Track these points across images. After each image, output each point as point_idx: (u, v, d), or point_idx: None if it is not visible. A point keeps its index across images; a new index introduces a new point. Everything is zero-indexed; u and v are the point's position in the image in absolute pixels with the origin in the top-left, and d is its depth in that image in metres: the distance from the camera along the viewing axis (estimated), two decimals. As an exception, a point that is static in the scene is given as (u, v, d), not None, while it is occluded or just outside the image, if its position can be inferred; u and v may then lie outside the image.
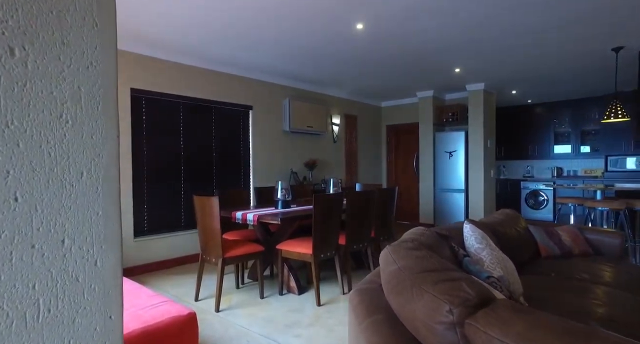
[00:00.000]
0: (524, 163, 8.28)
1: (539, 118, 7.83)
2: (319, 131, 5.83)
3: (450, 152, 6.26)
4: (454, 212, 6.22)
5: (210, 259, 2.91)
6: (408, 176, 7.20)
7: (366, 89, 6.31)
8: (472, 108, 6.01)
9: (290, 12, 3.17)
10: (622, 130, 6.83)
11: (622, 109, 4.15)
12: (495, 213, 2.92)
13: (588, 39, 3.87)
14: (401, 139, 7.32)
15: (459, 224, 2.26)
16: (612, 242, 2.67)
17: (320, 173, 6.12)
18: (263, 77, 5.18)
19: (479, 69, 5.03)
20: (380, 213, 3.67)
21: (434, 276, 1.07)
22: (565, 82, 5.89)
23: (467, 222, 1.94)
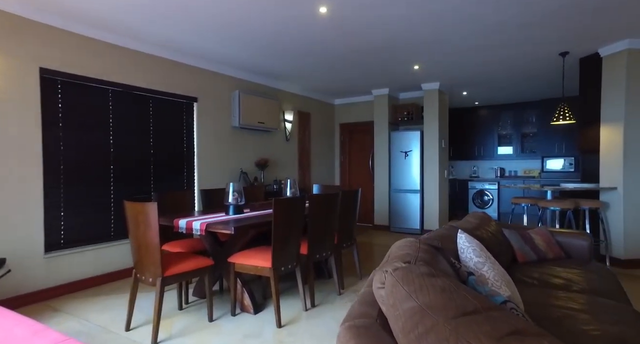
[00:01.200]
0: (470, 163, 8.54)
1: (484, 120, 8.11)
2: (271, 128, 5.40)
3: (406, 152, 6.18)
4: (409, 214, 6.14)
5: (147, 279, 2.37)
6: (362, 176, 7.03)
7: (321, 85, 6.00)
8: (427, 108, 5.97)
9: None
10: (556, 133, 7.27)
11: (569, 112, 4.27)
12: (468, 217, 2.75)
13: (538, 43, 3.91)
14: (355, 138, 7.13)
15: (446, 231, 2.01)
16: (580, 244, 2.62)
17: (272, 173, 5.69)
18: (210, 66, 4.63)
19: (436, 67, 4.94)
20: (344, 217, 3.36)
21: (484, 324, 0.74)
22: (515, 85, 6.07)
23: (461, 232, 1.68)
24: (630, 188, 4.08)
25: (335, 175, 7.31)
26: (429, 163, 5.96)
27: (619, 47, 4.08)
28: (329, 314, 2.75)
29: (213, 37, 3.73)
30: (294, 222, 2.66)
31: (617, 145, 4.12)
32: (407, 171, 6.17)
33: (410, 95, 6.64)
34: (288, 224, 2.60)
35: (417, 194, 6.08)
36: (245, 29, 3.54)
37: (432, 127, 5.93)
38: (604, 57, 4.26)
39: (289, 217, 2.60)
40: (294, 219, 2.66)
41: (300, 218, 2.74)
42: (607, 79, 4.24)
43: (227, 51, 4.19)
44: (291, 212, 2.62)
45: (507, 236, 2.60)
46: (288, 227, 2.60)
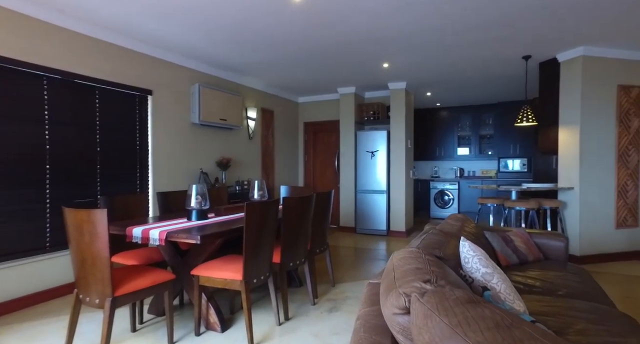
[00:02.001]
0: (431, 164, 8.70)
1: (445, 121, 8.29)
2: (234, 125, 5.05)
3: (372, 152, 6.10)
4: (376, 215, 6.07)
5: (92, 300, 2.00)
6: (327, 177, 6.86)
7: (286, 82, 5.74)
8: (394, 107, 5.93)
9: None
10: (512, 135, 7.59)
11: (532, 114, 4.39)
12: (449, 219, 2.65)
13: (503, 45, 3.96)
14: (320, 137, 6.94)
15: (436, 237, 1.86)
16: (557, 245, 2.62)
17: (234, 174, 5.35)
18: (167, 56, 4.21)
19: (404, 66, 4.89)
20: (317, 221, 3.14)
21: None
22: (478, 86, 6.20)
23: (464, 240, 1.53)
24: (586, 188, 4.26)
25: (299, 176, 7.08)
26: (396, 163, 5.93)
27: (575, 53, 4.24)
28: (305, 328, 2.52)
29: (172, 23, 3.35)
30: (268, 229, 2.40)
31: (573, 147, 4.28)
32: (374, 171, 6.09)
33: (376, 94, 6.58)
34: (261, 231, 2.34)
35: (383, 194, 6.02)
36: (208, 15, 3.21)
37: (398, 127, 5.90)
38: (561, 62, 4.42)
39: (262, 223, 2.34)
40: (268, 225, 2.40)
41: (274, 224, 2.48)
42: (564, 83, 4.40)
43: (187, 40, 3.81)
44: (265, 218, 2.36)
45: (489, 239, 2.53)
46: (261, 233, 2.34)
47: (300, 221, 2.77)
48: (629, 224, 4.48)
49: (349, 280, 3.61)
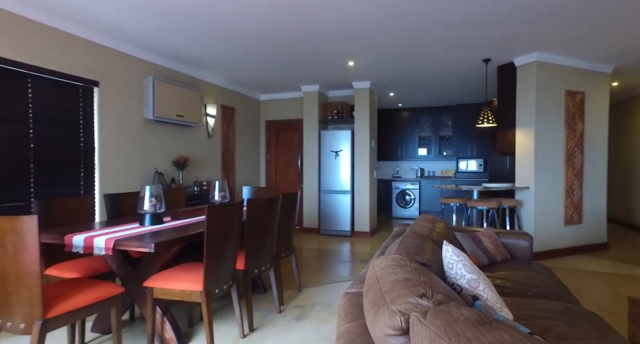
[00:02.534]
0: (393, 164, 8.81)
1: (406, 122, 8.42)
2: (192, 122, 4.74)
3: (336, 152, 6.02)
4: (340, 215, 5.99)
5: (14, 325, 1.68)
6: (290, 177, 6.70)
7: (247, 78, 5.50)
8: (358, 106, 5.89)
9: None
10: (469, 136, 7.87)
11: (492, 115, 4.52)
12: (420, 220, 2.59)
13: (465, 47, 4.04)
14: (282, 136, 6.76)
15: (412, 240, 1.77)
16: (522, 244, 2.66)
17: (191, 174, 5.03)
18: (118, 45, 3.83)
19: (369, 64, 4.85)
20: (283, 224, 2.98)
21: None
22: (440, 87, 6.32)
23: (447, 244, 1.45)
24: (540, 188, 4.46)
25: (261, 176, 6.85)
26: (360, 163, 5.89)
27: (530, 58, 4.42)
28: (272, 340, 2.36)
29: (125, 7, 3.03)
30: (231, 233, 2.21)
31: (529, 148, 4.46)
32: (338, 172, 6.02)
33: (340, 93, 6.51)
34: (224, 236, 2.14)
35: (347, 195, 5.96)
36: (161, 2, 2.93)
37: (363, 126, 5.86)
38: (518, 66, 4.59)
39: (225, 227, 2.14)
40: (231, 229, 2.20)
41: (238, 227, 2.29)
42: (520, 87, 4.57)
43: (140, 28, 3.49)
44: (228, 221, 2.16)
45: (460, 240, 2.51)
46: (224, 239, 2.14)
47: (266, 224, 2.60)
48: (574, 221, 4.74)
49: (316, 284, 3.48)
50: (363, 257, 4.59)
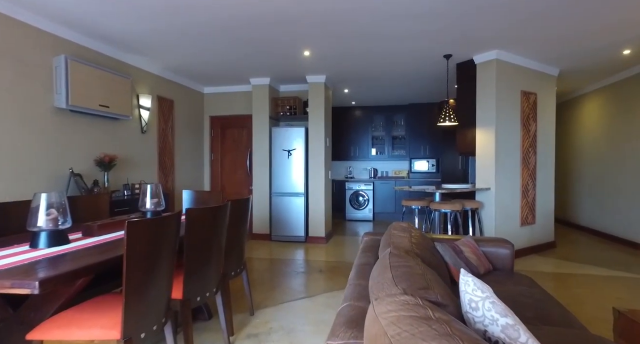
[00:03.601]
0: (345, 164, 8.54)
1: (359, 121, 8.19)
2: (120, 115, 4.01)
3: (289, 151, 5.56)
4: (293, 220, 5.54)
5: None
6: (238, 178, 6.11)
7: (188, 67, 4.84)
8: (313, 102, 5.48)
9: None
10: (422, 136, 7.84)
11: (453, 114, 4.36)
12: (395, 230, 2.24)
13: (426, 39, 3.82)
14: (229, 133, 6.15)
15: (413, 263, 1.39)
16: (503, 253, 2.42)
17: (121, 175, 4.27)
18: (14, 11, 3.03)
19: (326, 55, 4.46)
20: (233, 236, 2.47)
21: None
22: (394, 84, 6.12)
23: (465, 274, 1.07)
24: (500, 188, 4.38)
25: (205, 177, 6.17)
26: (315, 163, 5.49)
27: (490, 56, 4.32)
28: (220, 388, 1.85)
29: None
30: (163, 255, 1.67)
31: (490, 148, 4.37)
32: (291, 172, 5.56)
33: (292, 88, 6.06)
34: (152, 259, 1.60)
35: (301, 197, 5.53)
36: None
37: (317, 123, 5.47)
38: (478, 64, 4.49)
39: (154, 247, 1.59)
40: (163, 249, 1.66)
41: (173, 246, 1.75)
42: (481, 85, 4.47)
43: (44, -9, 2.75)
44: (158, 239, 1.62)
45: (441, 252, 2.20)
46: (152, 262, 1.60)
47: (211, 239, 2.08)
48: (529, 221, 4.76)
49: (271, 304, 3.00)
50: (319, 266, 4.19)
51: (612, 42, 3.99)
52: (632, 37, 3.86)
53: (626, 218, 5.24)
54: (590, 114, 6.09)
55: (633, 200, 5.10)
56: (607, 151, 5.65)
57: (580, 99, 6.34)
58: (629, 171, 5.19)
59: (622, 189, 5.34)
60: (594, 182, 5.96)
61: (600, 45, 4.11)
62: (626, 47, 4.18)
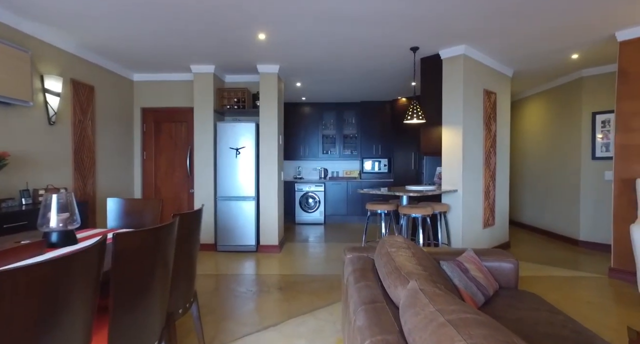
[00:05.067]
0: (294, 163, 8.03)
1: (310, 118, 7.73)
2: (12, 99, 3.08)
3: (237, 149, 4.90)
4: (242, 227, 4.89)
5: None
6: (176, 180, 5.28)
7: (112, 46, 3.97)
8: (265, 95, 4.88)
9: None
10: (373, 135, 7.62)
11: (421, 110, 4.09)
12: (389, 246, 1.80)
13: (392, 26, 3.49)
14: (165, 128, 5.30)
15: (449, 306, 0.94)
16: (507, 268, 2.11)
17: (17, 178, 3.30)
18: None
19: (282, 41, 3.92)
20: (181, 262, 1.84)
21: None
22: (351, 79, 5.76)
23: None
24: (467, 190, 4.21)
25: (136, 180, 5.25)
26: (266, 163, 4.90)
27: (457, 51, 4.12)
28: None
29: None
30: (72, 306, 1.02)
31: (457, 148, 4.17)
32: (239, 173, 4.91)
33: (240, 78, 5.40)
34: (49, 317, 0.95)
35: (251, 201, 4.90)
36: None
37: (269, 119, 4.89)
38: (444, 59, 4.27)
39: (56, 296, 0.95)
40: (72, 298, 1.02)
41: (91, 291, 1.11)
42: (447, 82, 4.25)
43: None
44: (64, 285, 0.97)
45: (449, 273, 1.80)
46: (52, 318, 0.95)
47: (152, 272, 1.45)
48: (490, 223, 4.69)
49: (228, 340, 2.39)
50: (277, 281, 3.64)
51: (565, 45, 4.04)
52: (583, 41, 3.93)
53: (565, 216, 5.46)
54: (532, 116, 6.30)
55: (571, 199, 5.32)
56: (547, 152, 5.86)
57: (525, 101, 6.55)
58: (567, 171, 5.41)
59: (561, 188, 5.56)
60: (536, 181, 6.18)
61: (554, 48, 4.14)
62: (575, 51, 4.26)
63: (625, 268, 3.72)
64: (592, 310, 2.93)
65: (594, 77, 5.05)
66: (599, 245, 4.99)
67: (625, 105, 3.73)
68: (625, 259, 3.71)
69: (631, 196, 3.70)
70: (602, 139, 4.99)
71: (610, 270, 3.82)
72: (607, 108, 4.93)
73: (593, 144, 5.06)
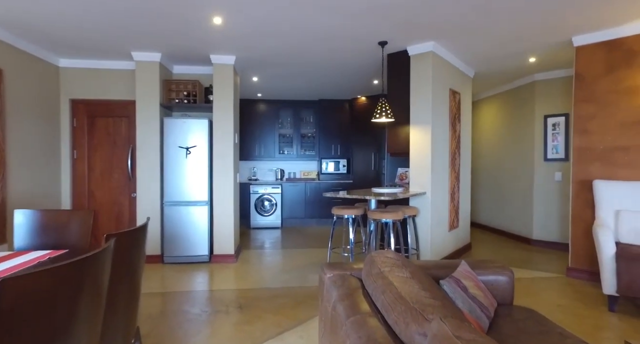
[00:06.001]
0: (249, 164, 7.55)
1: (266, 116, 7.31)
2: None
3: (188, 148, 4.37)
4: (193, 235, 4.37)
5: None
6: (115, 184, 4.61)
7: (33, 23, 3.29)
8: (219, 89, 4.40)
9: None
10: (332, 135, 7.37)
11: (389, 109, 3.87)
12: (380, 264, 1.51)
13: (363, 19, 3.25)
14: (101, 124, 4.60)
15: None
16: (503, 282, 1.92)
17: None
18: None
19: (240, 27, 3.50)
20: (117, 301, 1.39)
21: None
22: (311, 69, 5.44)
23: None
24: (435, 192, 4.07)
25: (64, 185, 4.49)
26: (221, 164, 4.43)
27: (426, 48, 3.96)
28: None
29: None
30: None
31: (426, 149, 4.02)
32: (190, 175, 4.38)
33: (190, 69, 4.85)
34: None
35: (204, 206, 4.40)
36: None
37: (225, 115, 4.42)
38: (412, 56, 4.10)
39: None
40: None
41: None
42: (416, 80, 4.07)
43: None
44: None
45: (451, 294, 1.55)
46: None
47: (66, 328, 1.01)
48: (455, 225, 4.63)
49: (180, 383, 1.96)
50: (236, 298, 3.22)
51: (526, 48, 4.09)
52: (542, 45, 3.99)
53: (518, 216, 5.62)
54: (488, 117, 6.44)
55: (525, 199, 5.48)
56: (502, 153, 6.01)
57: (482, 102, 6.68)
58: (521, 172, 5.56)
59: (514, 189, 5.71)
60: (492, 182, 6.31)
61: (515, 51, 4.19)
62: (533, 54, 4.33)
63: (582, 267, 3.79)
64: (566, 315, 2.88)
65: (545, 81, 5.20)
66: (551, 243, 5.16)
67: (581, 108, 3.81)
68: (582, 259, 3.79)
69: (588, 197, 3.78)
70: (553, 141, 5.16)
71: (568, 269, 3.88)
72: (558, 111, 5.11)
73: (545, 145, 5.22)
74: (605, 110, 3.67)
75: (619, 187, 3.40)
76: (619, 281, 2.87)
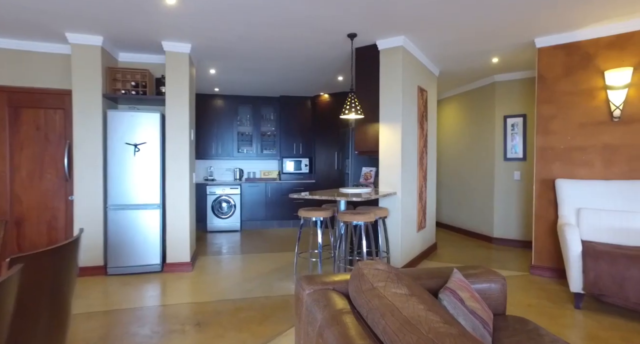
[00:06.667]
0: (205, 163, 7.06)
1: (223, 113, 6.87)
2: None
3: (136, 145, 3.89)
4: (142, 243, 3.90)
5: None
6: (46, 186, 4.00)
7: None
8: (173, 79, 3.96)
9: None
10: (293, 134, 7.10)
11: (359, 105, 3.68)
12: (371, 278, 1.28)
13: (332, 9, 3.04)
14: (28, 116, 3.97)
15: None
16: (495, 290, 1.77)
17: None
18: None
19: (196, 11, 3.13)
20: (38, 330, 1.03)
21: None
22: (273, 62, 5.12)
23: None
24: (405, 192, 3.93)
25: (-19, 184, 3.82)
26: (176, 163, 4.00)
27: (396, 42, 3.81)
28: None
29: None
30: None
31: (396, 147, 3.87)
32: (139, 175, 3.90)
33: (138, 57, 4.35)
34: None
35: (155, 210, 3.95)
36: None
37: (179, 109, 3.99)
38: (381, 50, 3.94)
39: None
40: None
41: None
42: (385, 75, 3.91)
43: None
44: None
45: (451, 311, 1.35)
46: None
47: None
48: (422, 226, 4.56)
49: None
50: (194, 314, 2.86)
51: (490, 48, 4.10)
52: (505, 45, 4.02)
53: (478, 215, 5.71)
54: (450, 117, 6.50)
55: (483, 198, 5.57)
56: (464, 152, 6.08)
57: (444, 102, 6.74)
58: (481, 171, 5.65)
59: (474, 188, 5.80)
60: (453, 181, 6.38)
61: (480, 50, 4.18)
62: (497, 54, 4.36)
63: (545, 264, 3.85)
64: (538, 315, 2.85)
65: (505, 82, 5.31)
66: (511, 241, 5.27)
67: (544, 109, 3.86)
68: (545, 256, 3.85)
69: (550, 196, 3.84)
70: (512, 141, 5.28)
71: (532, 267, 3.93)
72: (516, 112, 5.23)
73: (505, 145, 5.32)
74: (565, 111, 3.75)
75: (579, 185, 3.47)
76: (586, 278, 2.88)
